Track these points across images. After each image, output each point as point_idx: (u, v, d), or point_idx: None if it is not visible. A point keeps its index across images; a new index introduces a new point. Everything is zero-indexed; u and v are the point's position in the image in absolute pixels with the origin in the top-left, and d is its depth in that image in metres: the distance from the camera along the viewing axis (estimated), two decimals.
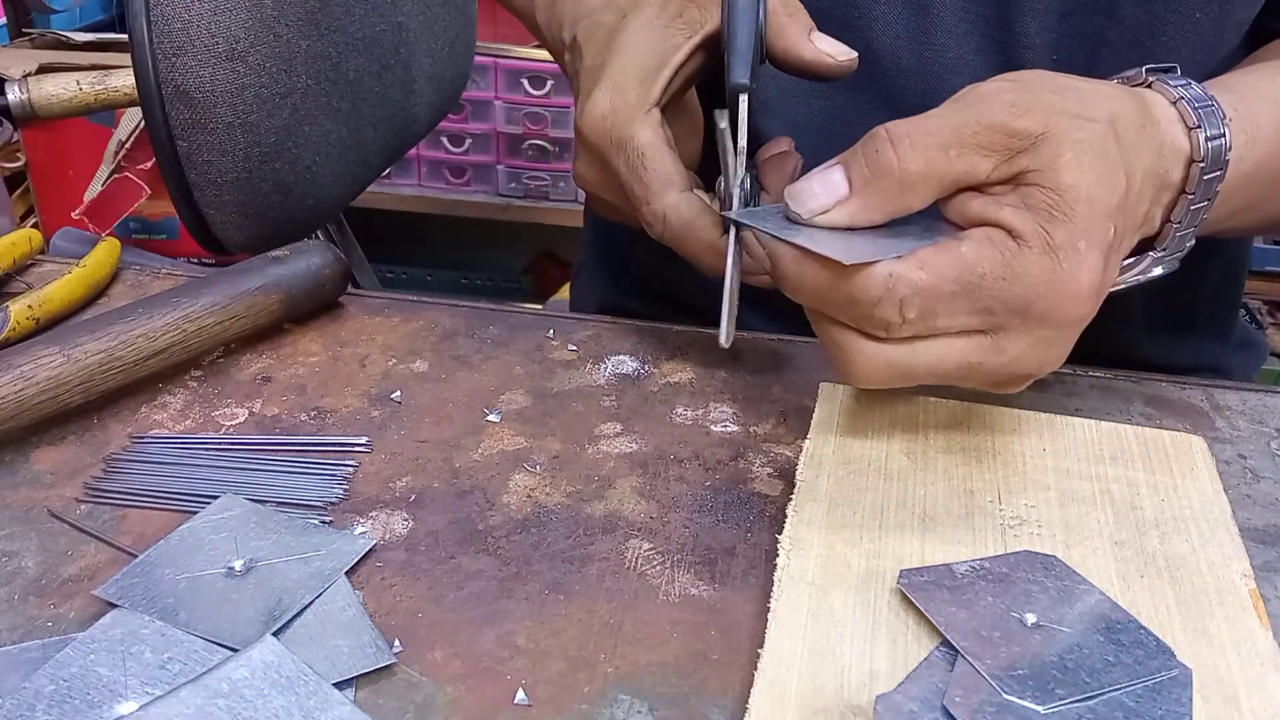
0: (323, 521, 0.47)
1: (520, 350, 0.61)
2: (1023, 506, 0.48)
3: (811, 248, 0.44)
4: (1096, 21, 0.62)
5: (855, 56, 0.55)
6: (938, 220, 0.46)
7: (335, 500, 0.48)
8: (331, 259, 0.63)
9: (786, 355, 0.61)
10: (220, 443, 0.52)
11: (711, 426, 0.55)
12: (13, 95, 1.43)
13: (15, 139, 1.56)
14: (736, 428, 0.55)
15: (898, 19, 0.63)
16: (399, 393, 0.56)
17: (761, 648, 0.40)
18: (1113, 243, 0.44)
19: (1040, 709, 0.36)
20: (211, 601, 0.41)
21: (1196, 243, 0.51)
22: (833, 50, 0.55)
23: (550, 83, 1.83)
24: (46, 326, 0.60)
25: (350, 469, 0.50)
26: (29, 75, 1.45)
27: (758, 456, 0.52)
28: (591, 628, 0.42)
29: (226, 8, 0.70)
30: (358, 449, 0.52)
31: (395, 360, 0.59)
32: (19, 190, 1.61)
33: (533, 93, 1.84)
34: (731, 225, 0.51)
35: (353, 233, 1.11)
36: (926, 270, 0.43)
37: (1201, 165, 0.48)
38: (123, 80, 1.43)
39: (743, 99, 0.52)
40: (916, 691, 0.37)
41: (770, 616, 0.41)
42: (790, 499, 0.47)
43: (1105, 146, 0.44)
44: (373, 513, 0.48)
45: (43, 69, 1.47)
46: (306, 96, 0.77)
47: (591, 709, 0.38)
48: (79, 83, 1.43)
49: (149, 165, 1.53)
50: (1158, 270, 0.51)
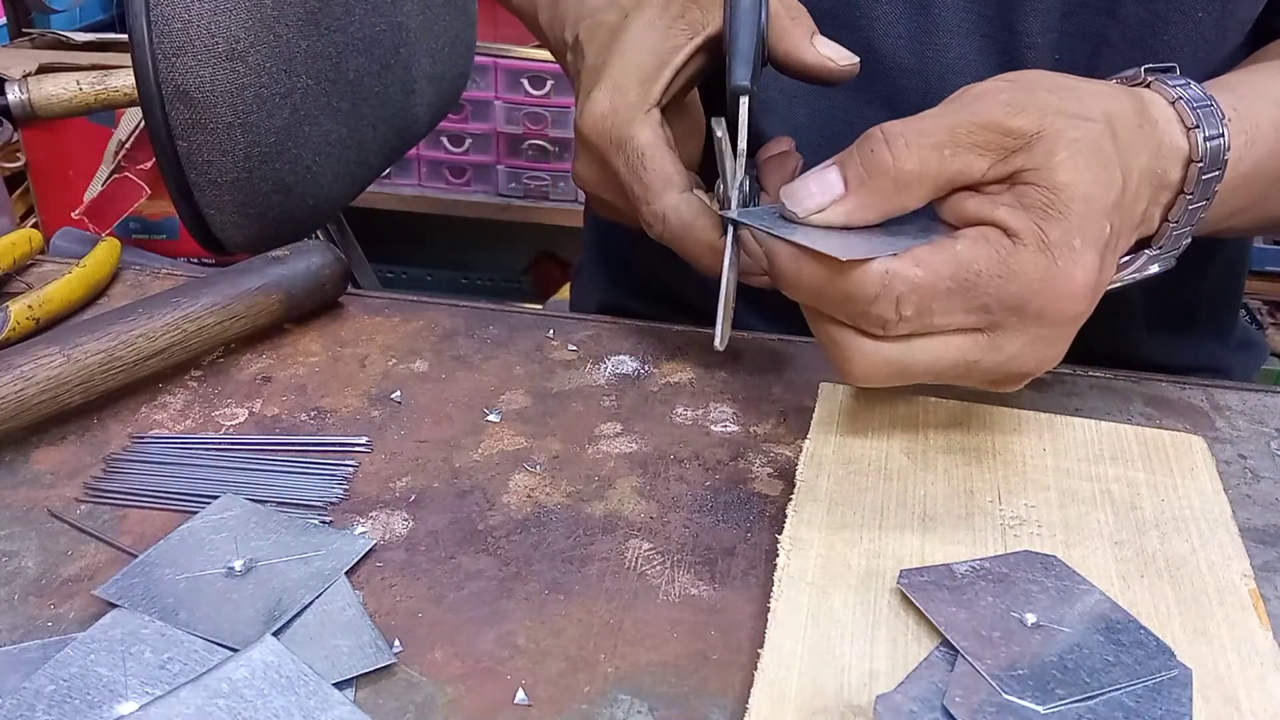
0: (323, 521, 0.47)
1: (520, 350, 0.61)
2: (1023, 506, 0.48)
3: (808, 245, 0.44)
4: (1098, 21, 0.62)
5: (857, 61, 0.55)
6: (935, 221, 0.46)
7: (335, 500, 0.48)
8: (331, 259, 0.63)
9: (786, 355, 0.61)
10: (220, 443, 0.52)
11: (711, 426, 0.55)
12: (13, 95, 1.43)
13: (15, 139, 1.56)
14: (736, 428, 0.55)
15: (899, 19, 0.63)
16: (399, 393, 0.56)
17: (761, 648, 0.40)
18: (1109, 241, 0.44)
19: (1040, 709, 0.36)
20: (211, 601, 0.41)
21: (1196, 243, 0.51)
22: (835, 54, 0.55)
23: (550, 83, 1.83)
24: (46, 326, 0.60)
25: (350, 469, 0.50)
26: (29, 75, 1.45)
27: (758, 456, 0.52)
28: (591, 628, 0.42)
29: (226, 8, 0.70)
30: (358, 449, 0.52)
31: (395, 360, 0.59)
32: (19, 190, 1.61)
33: (533, 93, 1.84)
34: (729, 227, 0.51)
35: (353, 233, 1.11)
36: (922, 267, 0.43)
37: (1200, 165, 0.48)
38: (123, 80, 1.43)
39: (743, 101, 0.52)
40: (916, 691, 0.37)
41: (770, 616, 0.41)
42: (790, 499, 0.48)
43: (1101, 145, 0.44)
44: (373, 513, 0.48)
45: (43, 69, 1.47)
46: (306, 96, 0.77)
47: (591, 709, 0.39)
48: (79, 83, 1.43)
49: (149, 165, 1.53)
50: (1154, 269, 0.51)
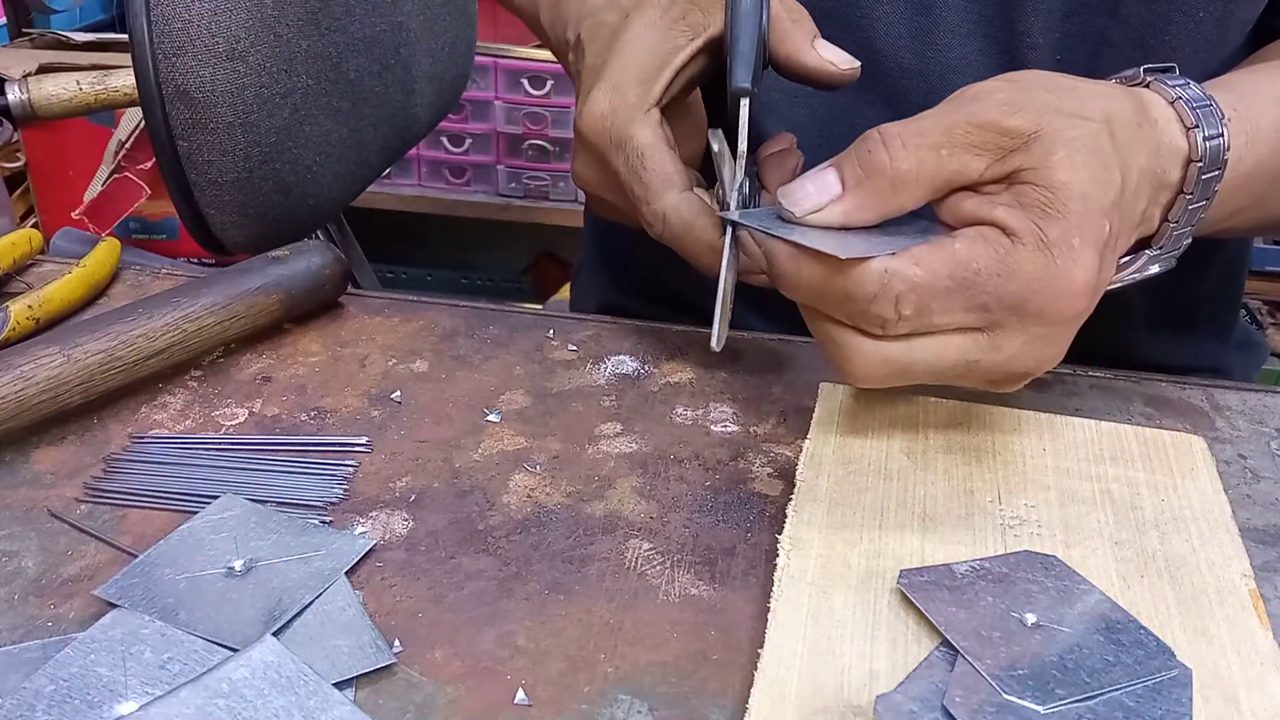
0: (323, 521, 0.47)
1: (520, 350, 0.61)
2: (1023, 506, 0.48)
3: (806, 244, 0.44)
4: (1100, 21, 0.62)
5: (858, 66, 0.55)
6: (935, 222, 0.46)
7: (335, 500, 0.48)
8: (331, 259, 0.63)
9: (786, 355, 0.61)
10: (220, 443, 0.52)
11: (711, 426, 0.55)
12: (13, 95, 1.43)
13: (15, 139, 1.56)
14: (736, 428, 0.55)
15: (900, 19, 0.63)
16: (399, 393, 0.56)
17: (761, 648, 0.40)
18: (1108, 240, 0.44)
19: (1040, 709, 0.36)
20: (211, 601, 0.41)
21: (1196, 243, 0.51)
22: (835, 58, 0.55)
23: (550, 83, 1.83)
24: (46, 326, 0.60)
25: (350, 469, 0.50)
26: (29, 75, 1.45)
27: (758, 456, 0.52)
28: (591, 628, 0.42)
29: (226, 8, 0.70)
30: (358, 449, 0.52)
31: (395, 360, 0.59)
32: (19, 190, 1.61)
33: (533, 93, 1.84)
34: (727, 228, 0.51)
35: (353, 233, 1.11)
36: (921, 266, 0.43)
37: (1199, 165, 0.48)
38: (123, 80, 1.43)
39: (744, 103, 0.52)
40: (916, 691, 0.37)
41: (770, 616, 0.41)
42: (790, 499, 0.47)
43: (1099, 144, 0.44)
44: (373, 513, 0.48)
45: (43, 69, 1.47)
46: (306, 96, 0.77)
47: (591, 709, 0.38)
48: (79, 83, 1.43)
49: (149, 165, 1.53)
50: (1154, 269, 0.51)
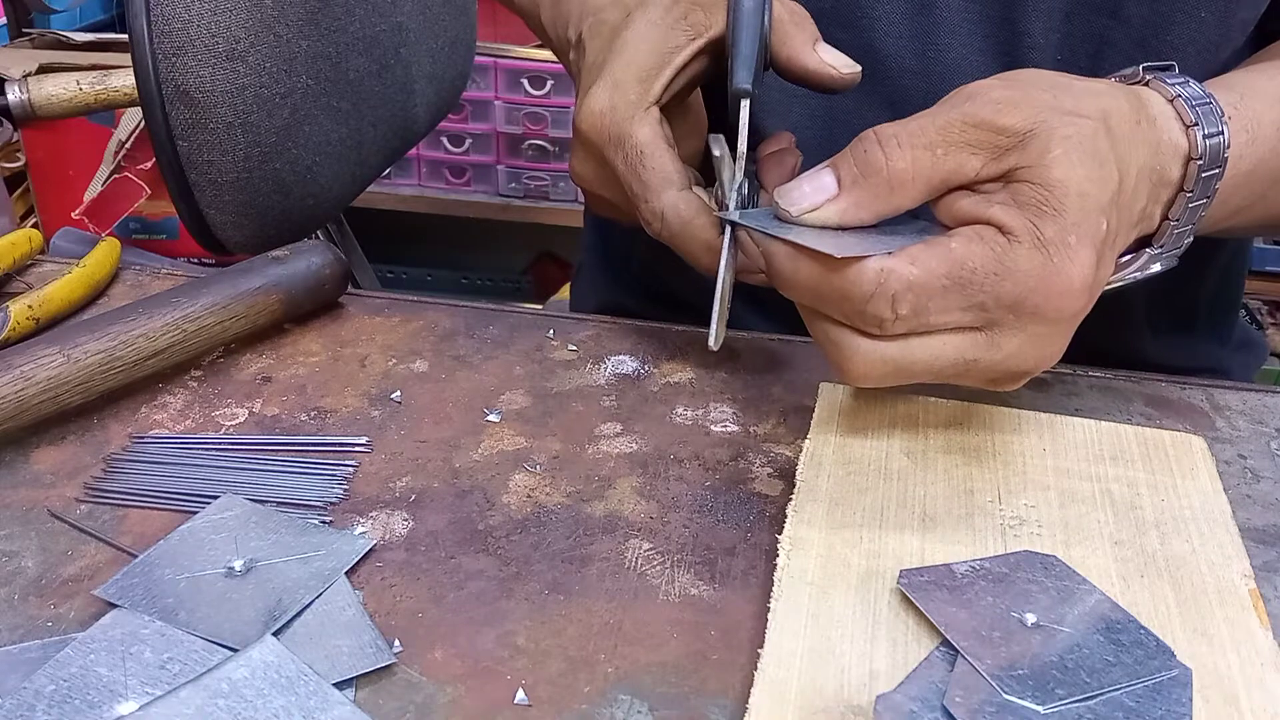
0: (323, 521, 0.47)
1: (520, 350, 0.61)
2: (1023, 506, 0.48)
3: (803, 244, 0.44)
4: (1101, 21, 0.62)
5: (858, 70, 0.55)
6: (933, 223, 0.46)
7: (335, 500, 0.48)
8: (331, 259, 0.63)
9: (786, 355, 0.61)
10: (220, 443, 0.52)
11: (711, 426, 0.55)
12: (13, 95, 1.43)
13: (15, 139, 1.56)
14: (736, 428, 0.54)
15: (900, 19, 0.63)
16: (399, 393, 0.56)
17: (761, 648, 0.40)
18: (1106, 238, 0.44)
19: (1040, 709, 0.36)
20: (211, 601, 0.41)
21: (1196, 243, 0.51)
22: (836, 62, 0.55)
23: (550, 83, 1.83)
24: (46, 326, 0.60)
25: (350, 469, 0.50)
26: (29, 75, 1.45)
27: (758, 456, 0.52)
28: (591, 628, 0.42)
29: (226, 8, 0.70)
30: (358, 449, 0.52)
31: (395, 360, 0.59)
32: (19, 190, 1.61)
33: (533, 93, 1.84)
34: (726, 228, 0.51)
35: (353, 233, 1.11)
36: (918, 265, 0.43)
37: (1199, 163, 0.48)
38: (123, 80, 1.43)
39: (744, 104, 0.52)
40: (916, 691, 0.37)
41: (770, 616, 0.41)
42: (790, 499, 0.47)
43: (1095, 142, 0.44)
44: (373, 513, 0.48)
45: (43, 69, 1.47)
46: (306, 96, 0.77)
47: (591, 709, 0.38)
48: (79, 83, 1.43)
49: (149, 165, 1.53)
50: (1156, 267, 0.51)
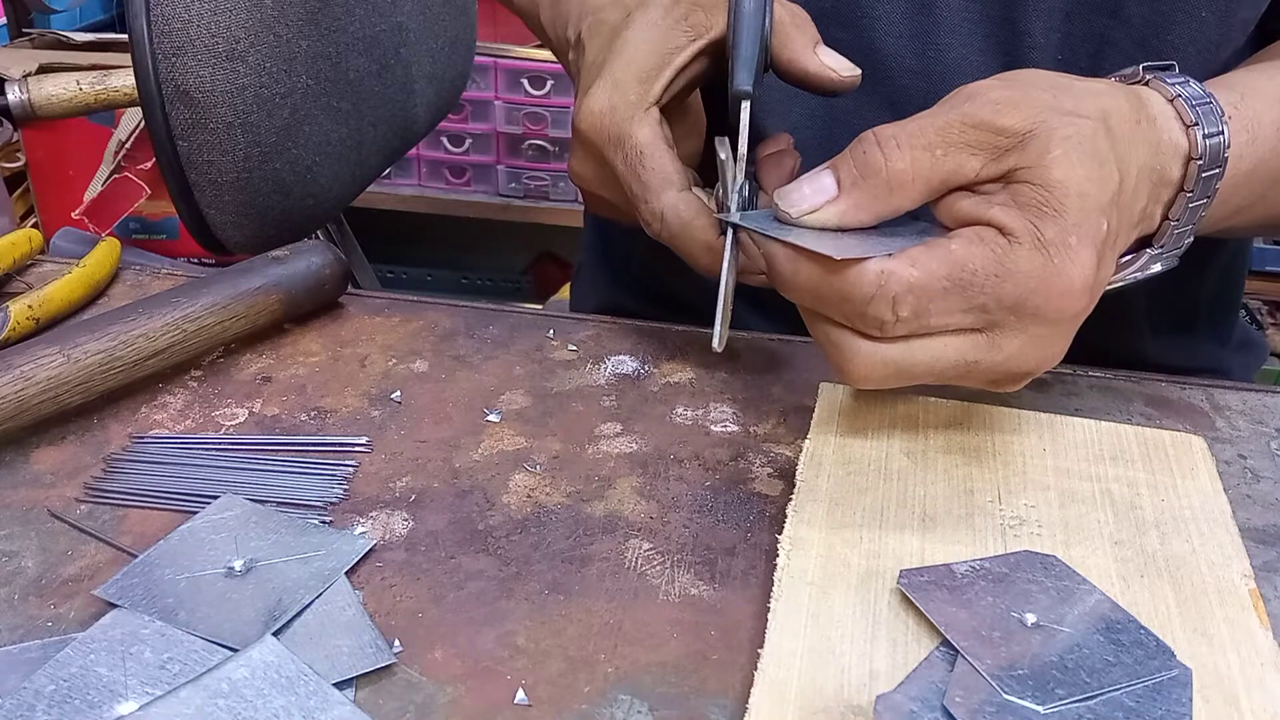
0: (323, 521, 0.47)
1: (520, 350, 0.61)
2: (1023, 506, 0.48)
3: (803, 245, 0.44)
4: (1101, 21, 0.62)
5: (858, 74, 0.55)
6: (934, 224, 0.46)
7: (335, 500, 0.48)
8: (331, 259, 0.63)
9: (786, 355, 0.61)
10: (220, 443, 0.52)
11: (711, 426, 0.55)
12: (13, 95, 1.43)
13: (15, 139, 1.56)
14: (736, 428, 0.54)
15: (901, 19, 0.63)
16: (399, 393, 0.56)
17: (761, 648, 0.40)
18: (1106, 238, 0.44)
19: (1040, 709, 0.36)
20: (211, 601, 0.41)
21: (1196, 243, 0.51)
22: (836, 65, 0.55)
23: (550, 83, 1.83)
24: (46, 326, 0.60)
25: (350, 469, 0.50)
26: (29, 75, 1.45)
27: (758, 456, 0.52)
28: (591, 628, 0.42)
29: (226, 8, 0.70)
30: (358, 449, 0.52)
31: (395, 360, 0.59)
32: (19, 190, 1.61)
33: (533, 93, 1.84)
34: (727, 229, 0.51)
35: (353, 233, 1.11)
36: (918, 267, 0.43)
37: (1199, 162, 0.48)
38: (123, 80, 1.43)
39: (744, 106, 0.52)
40: (916, 691, 0.37)
41: (770, 616, 0.41)
42: (790, 499, 0.47)
43: (1095, 143, 0.44)
44: (373, 513, 0.48)
45: (43, 69, 1.47)
46: (306, 96, 0.77)
47: (591, 709, 0.38)
48: (79, 83, 1.43)
49: (149, 165, 1.53)
50: (1156, 267, 0.51)
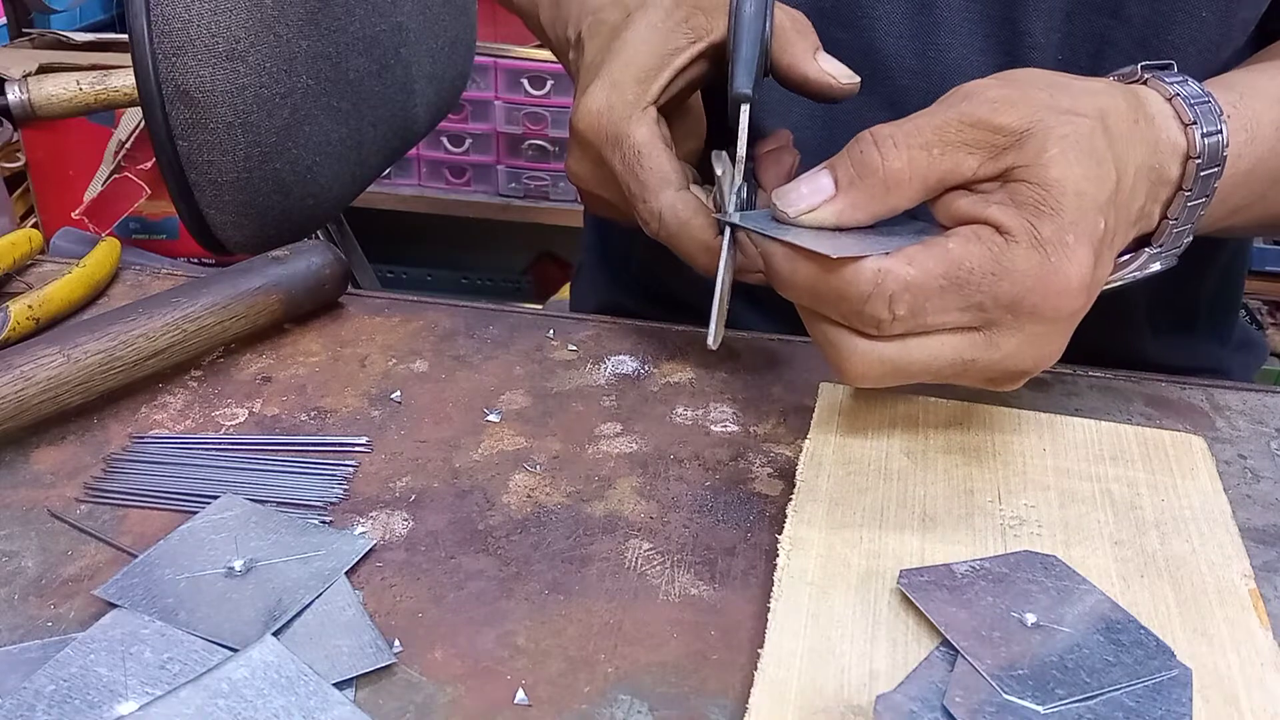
0: (323, 521, 0.47)
1: (520, 350, 0.61)
2: (1023, 506, 0.48)
3: (801, 244, 0.44)
4: (1101, 21, 0.62)
5: (857, 81, 0.55)
6: (931, 224, 0.46)
7: (335, 500, 0.48)
8: (331, 259, 0.63)
9: (786, 355, 0.61)
10: (220, 443, 0.52)
11: (711, 426, 0.55)
12: (13, 95, 1.43)
13: (15, 139, 1.56)
14: (736, 428, 0.54)
15: (901, 19, 0.63)
16: (399, 393, 0.56)
17: (761, 648, 0.40)
18: (1104, 237, 0.44)
19: (1040, 709, 0.36)
20: (211, 601, 0.41)
21: (1196, 243, 0.51)
22: (836, 71, 0.55)
23: (550, 83, 1.83)
24: (46, 326, 0.60)
25: (350, 469, 0.50)
26: (29, 75, 1.45)
27: (758, 456, 0.52)
28: (591, 628, 0.42)
29: (226, 8, 0.70)
30: (358, 449, 0.52)
31: (395, 360, 0.59)
32: (19, 190, 1.61)
33: (533, 93, 1.84)
34: (725, 229, 0.51)
35: (353, 233, 1.11)
36: (915, 266, 0.43)
37: (1198, 161, 0.48)
38: (123, 80, 1.43)
39: (744, 109, 0.52)
40: (916, 691, 0.37)
41: (770, 616, 0.41)
42: (790, 499, 0.47)
43: (1093, 141, 0.44)
44: (373, 513, 0.48)
45: (43, 69, 1.47)
46: (306, 96, 0.77)
47: (591, 709, 0.38)
48: (79, 83, 1.43)
49: (149, 165, 1.53)
50: (1155, 266, 0.51)
